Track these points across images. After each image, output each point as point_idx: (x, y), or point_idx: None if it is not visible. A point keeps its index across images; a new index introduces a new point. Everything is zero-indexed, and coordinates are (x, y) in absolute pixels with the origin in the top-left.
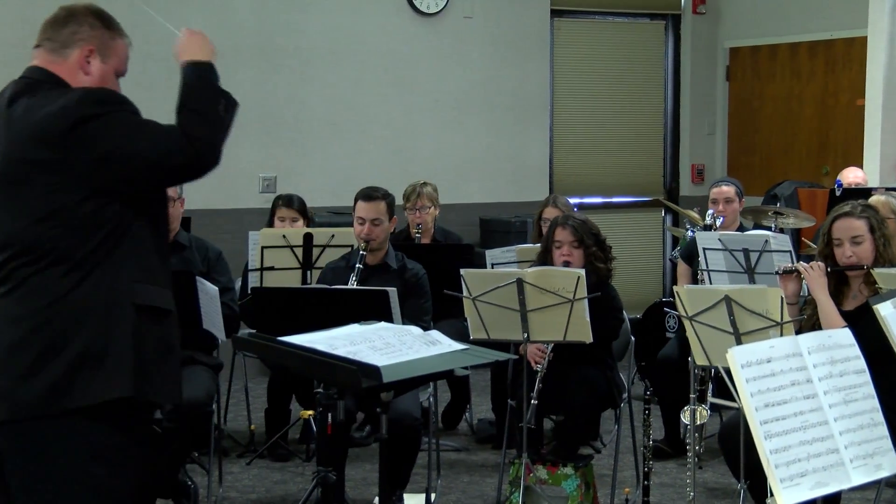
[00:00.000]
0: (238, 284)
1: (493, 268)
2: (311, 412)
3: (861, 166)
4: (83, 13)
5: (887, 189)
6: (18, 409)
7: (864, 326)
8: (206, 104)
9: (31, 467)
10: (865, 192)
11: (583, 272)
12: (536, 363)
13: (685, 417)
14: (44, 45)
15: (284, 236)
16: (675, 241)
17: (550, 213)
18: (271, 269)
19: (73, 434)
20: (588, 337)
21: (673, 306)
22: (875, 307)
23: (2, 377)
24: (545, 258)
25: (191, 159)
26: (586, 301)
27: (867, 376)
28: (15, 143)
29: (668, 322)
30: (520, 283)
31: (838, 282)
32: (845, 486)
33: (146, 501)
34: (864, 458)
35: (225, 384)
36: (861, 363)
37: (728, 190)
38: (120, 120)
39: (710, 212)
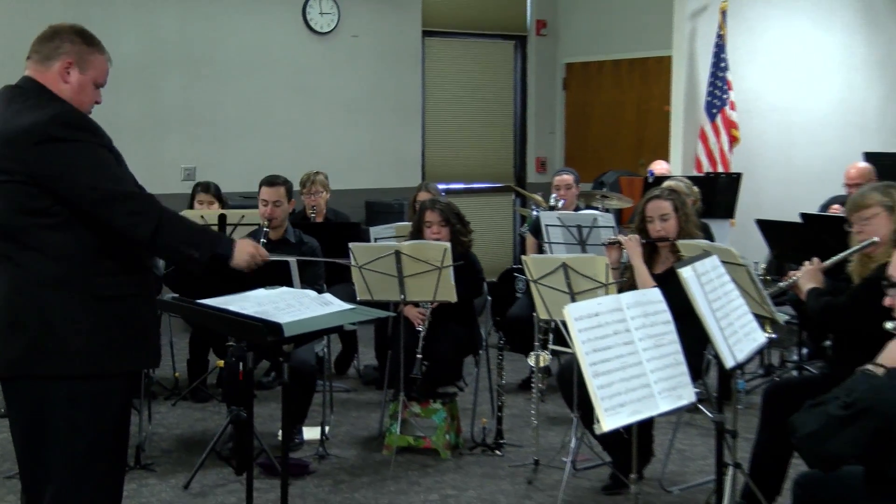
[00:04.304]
0: None
1: (376, 242)
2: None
3: (668, 159)
4: (66, 31)
5: (687, 177)
6: None
7: (671, 287)
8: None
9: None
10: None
11: (448, 245)
12: (418, 325)
13: (531, 361)
14: (32, 57)
15: (203, 217)
16: (523, 219)
17: (423, 196)
18: None
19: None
20: (453, 297)
21: (522, 272)
22: (679, 271)
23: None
24: (418, 234)
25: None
26: (452, 269)
27: (672, 326)
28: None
29: (517, 285)
30: (398, 254)
31: (651, 251)
32: (655, 412)
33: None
34: (670, 390)
35: None
36: (667, 315)
37: (568, 178)
38: (80, 151)
39: (553, 195)
